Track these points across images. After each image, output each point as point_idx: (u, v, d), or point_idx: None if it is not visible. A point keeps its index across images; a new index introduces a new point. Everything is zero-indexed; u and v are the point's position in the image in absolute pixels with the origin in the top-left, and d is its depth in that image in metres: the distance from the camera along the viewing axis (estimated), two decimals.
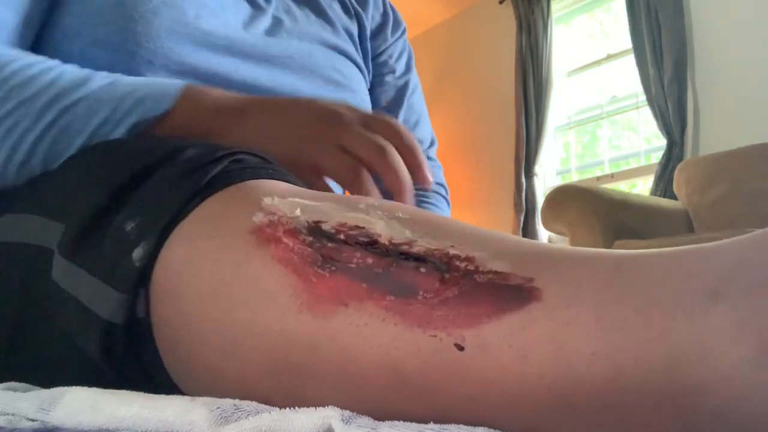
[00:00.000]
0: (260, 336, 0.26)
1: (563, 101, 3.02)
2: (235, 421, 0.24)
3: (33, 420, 0.25)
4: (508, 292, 0.23)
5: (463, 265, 0.24)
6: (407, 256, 0.25)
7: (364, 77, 0.68)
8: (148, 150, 0.35)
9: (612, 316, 0.21)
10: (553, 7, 3.01)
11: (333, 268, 0.26)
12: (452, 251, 0.25)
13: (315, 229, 0.28)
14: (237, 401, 0.25)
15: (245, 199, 0.31)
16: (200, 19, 0.50)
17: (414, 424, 0.23)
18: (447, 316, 0.23)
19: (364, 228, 0.27)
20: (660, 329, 0.21)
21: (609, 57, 2.86)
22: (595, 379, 0.21)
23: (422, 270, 0.25)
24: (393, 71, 0.73)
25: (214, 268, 0.28)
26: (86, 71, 0.42)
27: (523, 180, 2.97)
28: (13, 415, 0.25)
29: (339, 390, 0.25)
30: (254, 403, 0.25)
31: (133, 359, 0.31)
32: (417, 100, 0.77)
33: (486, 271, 0.24)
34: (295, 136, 0.42)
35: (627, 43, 2.64)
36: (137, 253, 0.29)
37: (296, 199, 0.30)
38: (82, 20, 0.47)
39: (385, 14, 0.73)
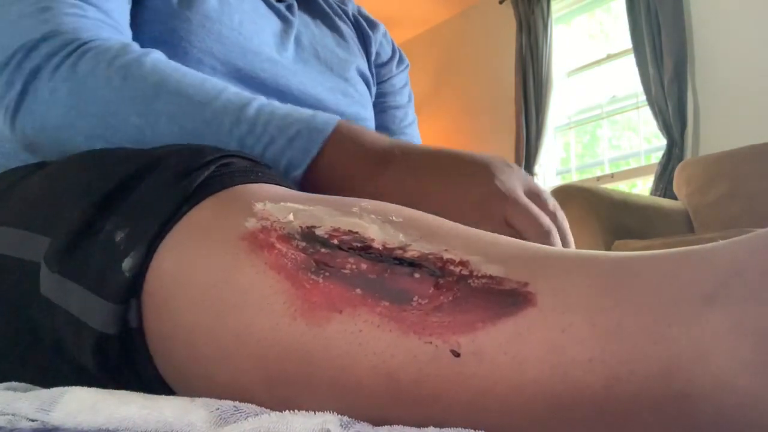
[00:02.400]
0: (253, 344, 0.26)
1: (563, 101, 3.01)
2: (234, 422, 0.24)
3: (33, 420, 0.25)
4: (502, 297, 0.23)
5: (457, 269, 0.24)
6: (401, 261, 0.25)
7: (371, 93, 0.71)
8: (132, 157, 0.34)
9: (607, 322, 0.21)
10: (553, 7, 3.00)
11: (327, 274, 0.25)
12: (446, 255, 0.25)
13: (308, 235, 0.27)
14: (237, 403, 0.25)
15: (236, 205, 0.30)
16: (242, 26, 0.54)
17: (413, 429, 0.23)
18: (442, 323, 0.23)
19: (357, 232, 0.27)
20: (656, 335, 0.20)
21: (609, 57, 2.85)
22: (592, 386, 0.21)
23: (416, 275, 0.24)
24: (395, 97, 0.77)
25: (205, 275, 0.28)
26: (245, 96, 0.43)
27: None
28: (13, 415, 0.25)
29: (334, 398, 0.25)
30: (253, 405, 0.25)
31: (128, 368, 0.30)
32: (417, 132, 0.80)
33: (480, 275, 0.24)
34: (457, 207, 0.39)
35: (627, 43, 2.63)
36: (127, 264, 0.29)
37: (289, 204, 0.29)
38: (144, 18, 0.49)
39: (393, 50, 0.78)
